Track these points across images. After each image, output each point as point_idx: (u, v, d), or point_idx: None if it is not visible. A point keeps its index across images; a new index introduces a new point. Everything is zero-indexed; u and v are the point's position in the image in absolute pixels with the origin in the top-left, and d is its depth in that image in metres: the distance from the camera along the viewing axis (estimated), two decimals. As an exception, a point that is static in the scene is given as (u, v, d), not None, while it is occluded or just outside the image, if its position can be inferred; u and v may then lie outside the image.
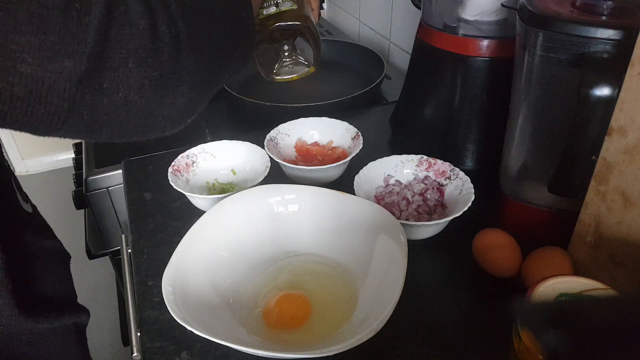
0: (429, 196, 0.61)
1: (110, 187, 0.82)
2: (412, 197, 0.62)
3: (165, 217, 0.65)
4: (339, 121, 0.73)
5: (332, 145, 0.72)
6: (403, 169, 0.65)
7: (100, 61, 0.30)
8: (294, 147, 0.72)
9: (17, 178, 0.52)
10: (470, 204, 0.56)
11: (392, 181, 0.65)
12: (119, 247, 0.81)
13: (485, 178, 0.62)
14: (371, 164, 0.64)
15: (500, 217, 0.60)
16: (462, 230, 0.57)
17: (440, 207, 0.61)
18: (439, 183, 0.63)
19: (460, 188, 0.60)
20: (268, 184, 0.58)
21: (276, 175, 0.67)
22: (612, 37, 0.42)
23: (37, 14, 0.27)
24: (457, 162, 0.64)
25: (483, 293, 0.53)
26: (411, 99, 0.77)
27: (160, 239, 0.61)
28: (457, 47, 0.66)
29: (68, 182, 1.04)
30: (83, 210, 0.93)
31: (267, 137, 0.70)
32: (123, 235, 0.76)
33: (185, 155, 0.68)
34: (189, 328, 0.41)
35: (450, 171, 0.63)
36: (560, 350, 0.32)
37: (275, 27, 0.54)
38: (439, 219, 0.56)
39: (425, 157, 0.65)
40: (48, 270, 0.52)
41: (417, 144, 0.73)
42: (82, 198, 0.83)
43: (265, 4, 0.56)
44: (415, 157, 0.65)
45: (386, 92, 1.02)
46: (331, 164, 0.65)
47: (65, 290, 0.55)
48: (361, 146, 0.67)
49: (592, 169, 0.46)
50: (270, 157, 0.66)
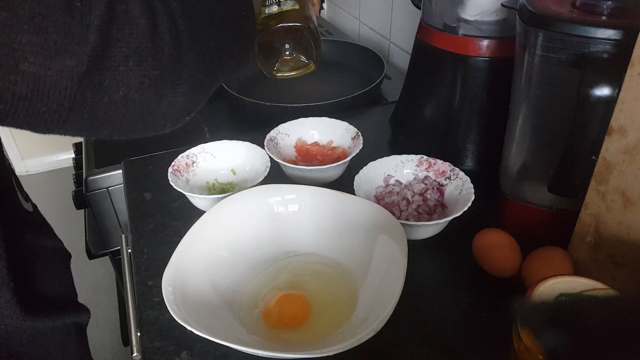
0: (429, 196, 0.61)
1: (110, 187, 0.82)
2: (412, 197, 0.62)
3: (165, 217, 0.65)
4: (339, 121, 0.73)
5: (332, 145, 0.72)
6: (403, 169, 0.65)
7: (101, 60, 0.30)
8: (294, 147, 0.72)
9: (17, 177, 0.52)
10: (470, 204, 0.56)
11: (392, 181, 0.65)
12: (119, 247, 0.81)
13: (485, 178, 0.62)
14: (371, 164, 0.64)
15: (500, 217, 0.60)
16: (462, 230, 0.57)
17: (440, 207, 0.61)
18: (439, 183, 0.63)
19: (460, 188, 0.60)
20: (268, 184, 0.58)
21: (276, 175, 0.67)
22: (612, 37, 0.42)
23: (39, 13, 0.27)
24: (457, 162, 0.64)
25: (483, 293, 0.53)
26: (411, 99, 0.77)
27: (160, 239, 0.61)
28: (457, 47, 0.66)
29: (68, 182, 1.04)
30: (83, 210, 0.93)
31: (267, 137, 0.70)
32: (123, 235, 0.76)
33: (185, 155, 0.68)
34: (189, 328, 0.41)
35: (450, 171, 0.63)
36: (560, 350, 0.32)
37: (278, 27, 0.55)
38: (439, 219, 0.56)
39: (425, 157, 0.65)
40: (49, 269, 0.52)
41: (417, 144, 0.73)
42: (82, 198, 0.83)
43: (267, 2, 0.56)
44: (415, 157, 0.65)
45: (386, 92, 1.02)
46: (331, 164, 0.65)
47: (66, 290, 0.55)
48: (361, 146, 0.67)
49: (592, 169, 0.46)
50: (270, 157, 0.66)
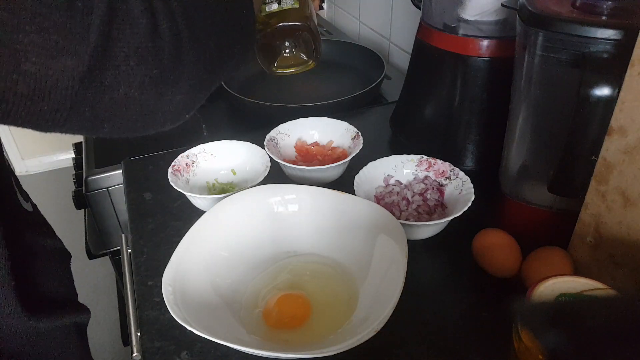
0: (429, 196, 0.61)
1: (110, 187, 0.82)
2: (412, 197, 0.62)
3: (165, 217, 0.65)
4: (339, 121, 0.73)
5: (332, 145, 0.72)
6: (403, 169, 0.65)
7: (102, 60, 0.31)
8: (294, 147, 0.72)
9: (17, 177, 0.52)
10: (470, 204, 0.56)
11: (392, 181, 0.65)
12: (119, 247, 0.81)
13: (485, 178, 0.62)
14: (371, 164, 0.64)
15: (500, 217, 0.60)
16: (462, 230, 0.57)
17: (440, 207, 0.61)
18: (439, 183, 0.63)
19: (460, 188, 0.60)
20: (268, 184, 0.58)
21: (276, 175, 0.67)
22: (612, 37, 0.42)
23: (40, 13, 0.28)
24: (457, 162, 0.64)
25: (483, 293, 0.53)
26: (411, 99, 0.77)
27: (160, 239, 0.61)
28: (457, 47, 0.66)
29: (68, 182, 1.04)
30: (83, 210, 0.93)
31: (267, 137, 0.70)
32: (123, 235, 0.76)
33: (185, 155, 0.68)
34: (189, 328, 0.41)
35: (450, 171, 0.63)
36: (560, 350, 0.32)
37: (279, 27, 0.55)
38: (439, 219, 0.56)
39: (425, 157, 0.65)
40: (49, 269, 0.52)
41: (417, 144, 0.73)
42: (82, 198, 0.83)
43: (267, 0, 0.56)
44: (415, 157, 0.65)
45: (386, 92, 1.02)
46: (331, 164, 0.65)
47: (66, 290, 0.55)
48: (361, 146, 0.67)
49: (592, 169, 0.46)
50: (270, 157, 0.66)
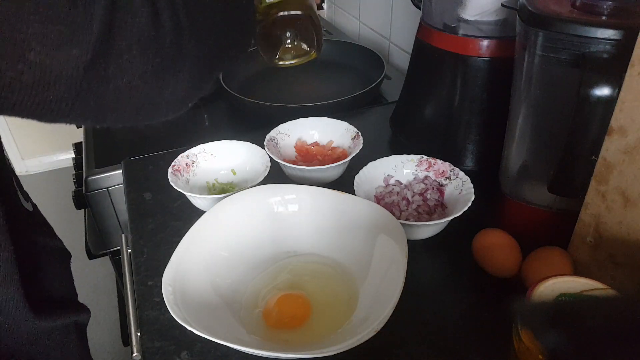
0: (429, 196, 0.61)
1: (110, 187, 0.82)
2: (412, 197, 0.62)
3: (165, 217, 0.65)
4: (339, 121, 0.73)
5: (332, 145, 0.72)
6: (403, 169, 0.65)
7: (105, 49, 0.31)
8: (294, 147, 0.72)
9: (17, 176, 0.52)
10: (470, 204, 0.56)
11: (392, 181, 0.65)
12: (119, 247, 0.81)
13: (485, 178, 0.62)
14: (371, 164, 0.64)
15: (500, 217, 0.60)
16: (462, 230, 0.57)
17: (440, 207, 0.61)
18: (439, 183, 0.63)
19: (460, 188, 0.60)
20: (268, 184, 0.58)
21: (276, 175, 0.67)
22: (612, 37, 0.42)
23: (43, 3, 0.28)
24: (457, 162, 0.64)
25: (483, 293, 0.53)
26: (411, 99, 0.77)
27: (160, 239, 0.61)
28: (457, 47, 0.66)
29: (68, 182, 1.04)
30: (83, 210, 0.93)
31: (267, 137, 0.70)
32: (123, 235, 0.76)
33: (185, 155, 0.68)
34: (189, 328, 0.41)
35: (450, 171, 0.63)
36: (560, 350, 0.32)
37: (279, 16, 0.55)
38: (439, 219, 0.56)
39: (425, 157, 0.65)
40: (49, 268, 0.52)
41: (417, 144, 0.73)
42: (82, 198, 0.83)
43: None
44: (415, 157, 0.65)
45: (386, 92, 1.02)
46: (331, 164, 0.65)
47: (66, 289, 0.55)
48: (361, 146, 0.67)
49: (592, 169, 0.46)
50: (270, 157, 0.66)
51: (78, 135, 1.01)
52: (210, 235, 0.52)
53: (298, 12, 0.56)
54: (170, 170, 0.65)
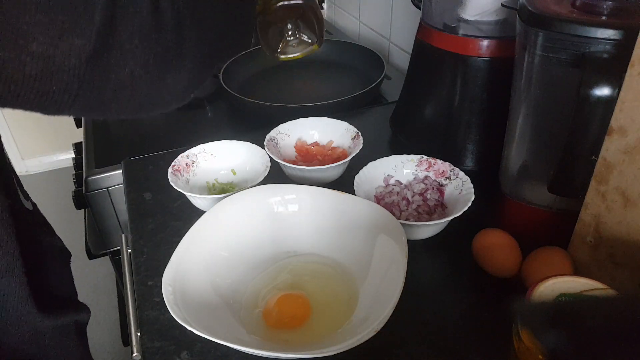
0: (429, 196, 0.61)
1: (110, 187, 0.82)
2: (412, 197, 0.62)
3: (165, 217, 0.65)
4: (339, 121, 0.73)
5: (332, 145, 0.72)
6: (403, 169, 0.65)
7: (107, 39, 0.31)
8: (294, 147, 0.72)
9: (17, 175, 0.52)
10: (470, 204, 0.56)
11: (392, 181, 0.65)
12: (119, 247, 0.81)
13: (485, 178, 0.62)
14: (371, 164, 0.64)
15: (500, 217, 0.60)
16: (462, 230, 0.57)
17: (440, 207, 0.61)
18: (439, 183, 0.63)
19: (460, 188, 0.60)
20: (268, 184, 0.58)
21: (276, 175, 0.67)
22: (612, 37, 0.42)
23: None
24: (457, 162, 0.64)
25: (483, 293, 0.53)
26: (411, 99, 0.77)
27: (160, 239, 0.61)
28: (457, 47, 0.66)
29: (68, 182, 1.04)
30: (83, 210, 0.93)
31: (267, 137, 0.70)
32: (123, 235, 0.76)
33: (185, 155, 0.68)
34: (189, 328, 0.41)
35: (450, 171, 0.63)
36: (560, 350, 0.32)
37: (279, 6, 0.55)
38: (439, 219, 0.56)
39: (425, 157, 0.65)
40: (50, 266, 0.52)
41: (417, 144, 0.73)
42: (82, 198, 0.83)
43: None
44: (415, 157, 0.65)
45: (386, 92, 1.02)
46: (331, 164, 0.65)
47: (66, 288, 0.55)
48: (361, 146, 0.67)
49: (592, 169, 0.46)
50: (270, 157, 0.66)
51: (78, 135, 1.01)
52: (210, 235, 0.52)
53: (299, 2, 0.55)
54: (170, 170, 0.65)
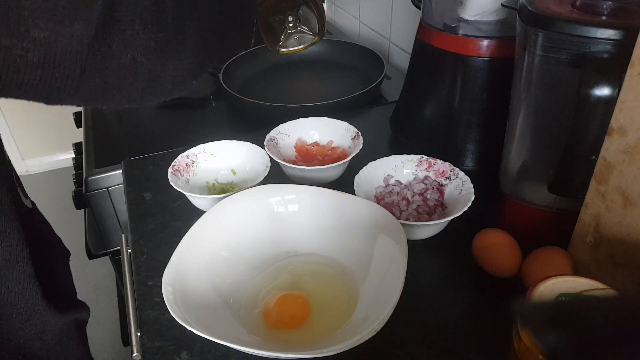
0: (429, 196, 0.61)
1: (110, 187, 0.82)
2: (412, 197, 0.62)
3: (165, 217, 0.65)
4: (339, 121, 0.73)
5: (332, 145, 0.72)
6: (403, 169, 0.65)
7: (108, 24, 0.31)
8: (294, 147, 0.72)
9: (17, 173, 0.52)
10: (470, 204, 0.56)
11: (392, 181, 0.65)
12: (119, 247, 0.81)
13: (485, 178, 0.62)
14: (371, 164, 0.64)
15: (500, 217, 0.60)
16: (462, 230, 0.57)
17: (440, 207, 0.61)
18: (439, 183, 0.63)
19: (460, 188, 0.60)
20: (268, 184, 0.58)
21: (276, 175, 0.67)
22: (612, 37, 0.42)
23: None
24: (457, 162, 0.64)
25: (483, 293, 0.53)
26: (411, 99, 0.77)
27: (160, 239, 0.61)
28: (457, 47, 0.66)
29: (68, 182, 1.04)
30: (83, 210, 0.93)
31: (267, 137, 0.70)
32: (123, 235, 0.76)
33: (185, 155, 0.68)
34: (189, 328, 0.41)
35: (450, 171, 0.63)
36: (560, 350, 0.32)
37: None
38: (439, 219, 0.56)
39: (425, 157, 0.65)
40: (49, 266, 0.52)
41: (417, 144, 0.73)
42: (82, 198, 0.83)
43: None
44: (415, 157, 0.65)
45: (386, 92, 1.02)
46: (331, 164, 0.65)
47: (66, 287, 0.55)
48: (361, 146, 0.67)
49: (592, 169, 0.46)
50: (270, 157, 0.66)
51: (78, 135, 1.01)
52: (210, 235, 0.52)
53: None
54: (170, 170, 0.65)
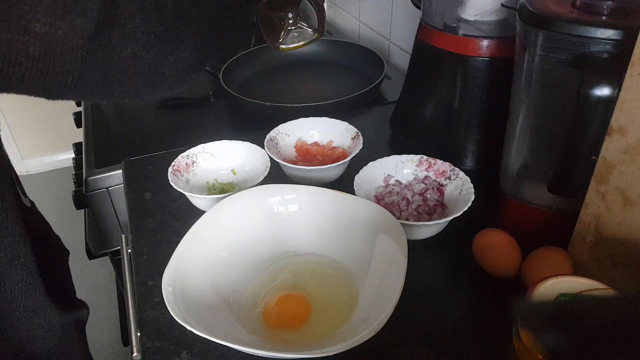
0: (429, 196, 0.61)
1: (110, 187, 0.82)
2: (412, 197, 0.62)
3: (165, 217, 0.65)
4: (339, 121, 0.73)
5: (332, 145, 0.72)
6: (403, 169, 0.65)
7: (108, 18, 0.32)
8: (294, 147, 0.72)
9: (16, 173, 0.52)
10: (470, 204, 0.56)
11: (392, 181, 0.65)
12: (119, 247, 0.81)
13: (485, 178, 0.62)
14: (371, 164, 0.64)
15: (500, 217, 0.60)
16: (462, 230, 0.57)
17: (440, 207, 0.61)
18: (439, 183, 0.63)
19: (460, 188, 0.60)
20: (268, 184, 0.58)
21: (276, 175, 0.67)
22: (612, 37, 0.42)
23: None
24: (457, 162, 0.64)
25: (483, 293, 0.53)
26: (411, 99, 0.77)
27: (160, 239, 0.61)
28: (457, 47, 0.66)
29: (68, 182, 1.04)
30: (83, 210, 0.93)
31: (267, 137, 0.70)
32: (123, 235, 0.76)
33: (185, 155, 0.68)
34: (189, 328, 0.41)
35: (450, 171, 0.63)
36: (560, 350, 0.32)
37: None
38: (439, 219, 0.56)
39: (425, 157, 0.65)
40: (49, 265, 0.52)
41: (417, 144, 0.73)
42: (82, 198, 0.83)
43: None
44: (415, 157, 0.65)
45: (386, 92, 1.02)
46: (331, 164, 0.65)
47: (65, 286, 0.55)
48: (361, 146, 0.67)
49: (592, 169, 0.46)
50: (270, 157, 0.66)
51: (78, 135, 1.01)
52: (210, 235, 0.53)
53: None
54: (170, 170, 0.65)
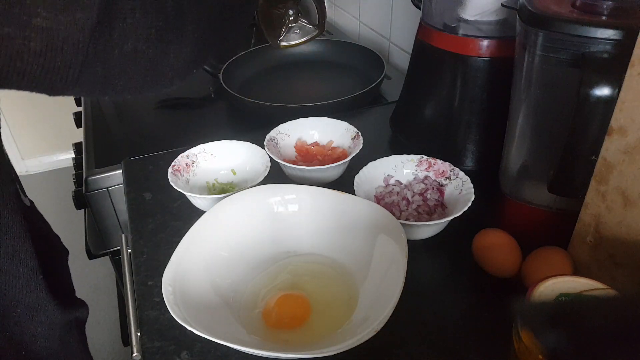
0: (429, 196, 0.61)
1: (110, 187, 0.82)
2: (412, 197, 0.62)
3: (165, 217, 0.65)
4: (339, 121, 0.73)
5: (332, 145, 0.72)
6: (403, 169, 0.65)
7: (109, 12, 0.32)
8: (294, 147, 0.72)
9: (16, 172, 0.52)
10: (470, 204, 0.56)
11: (392, 181, 0.65)
12: (119, 247, 0.81)
13: (485, 178, 0.62)
14: (371, 164, 0.64)
15: (500, 217, 0.60)
16: (462, 230, 0.57)
17: (440, 207, 0.61)
18: (439, 183, 0.63)
19: (460, 188, 0.60)
20: (268, 184, 0.58)
21: (276, 175, 0.67)
22: (612, 37, 0.42)
23: None
24: (457, 162, 0.64)
25: (483, 293, 0.53)
26: (411, 99, 0.77)
27: (160, 239, 0.61)
28: (457, 47, 0.66)
29: (68, 182, 1.04)
30: (83, 210, 0.93)
31: (267, 137, 0.70)
32: (123, 235, 0.76)
33: (185, 155, 0.68)
34: (189, 328, 0.41)
35: (450, 171, 0.63)
36: (560, 350, 0.32)
37: None
38: (439, 219, 0.56)
39: (425, 157, 0.65)
40: (48, 264, 0.52)
41: (417, 144, 0.73)
42: (82, 198, 0.83)
43: None
44: (415, 157, 0.65)
45: (386, 92, 1.02)
46: (331, 164, 0.65)
47: (65, 285, 0.55)
48: (361, 146, 0.67)
49: (592, 169, 0.46)
50: (270, 157, 0.66)
51: (78, 135, 1.01)
52: (210, 235, 0.53)
53: None
54: (170, 170, 0.65)
